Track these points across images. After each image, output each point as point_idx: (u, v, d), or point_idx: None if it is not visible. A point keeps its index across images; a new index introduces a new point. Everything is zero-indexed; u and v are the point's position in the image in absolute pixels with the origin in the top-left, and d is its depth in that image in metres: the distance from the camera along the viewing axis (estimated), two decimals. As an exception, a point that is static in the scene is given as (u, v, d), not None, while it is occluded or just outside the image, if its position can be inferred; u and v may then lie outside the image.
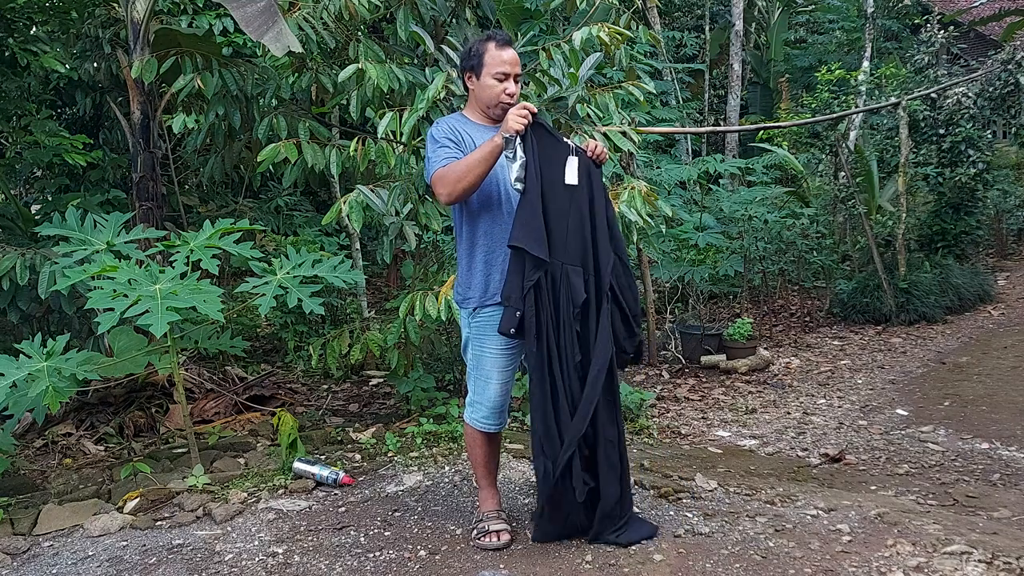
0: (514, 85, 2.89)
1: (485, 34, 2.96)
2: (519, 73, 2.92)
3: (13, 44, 5.31)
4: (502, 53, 2.86)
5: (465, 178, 2.75)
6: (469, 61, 2.93)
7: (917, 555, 2.83)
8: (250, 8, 3.85)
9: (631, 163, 5.96)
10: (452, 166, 2.77)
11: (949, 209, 8.33)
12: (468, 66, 2.94)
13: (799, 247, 7.96)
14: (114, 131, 6.13)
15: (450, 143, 2.85)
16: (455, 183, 2.77)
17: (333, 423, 4.84)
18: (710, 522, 3.15)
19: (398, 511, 3.36)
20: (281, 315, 6.16)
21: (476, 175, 2.75)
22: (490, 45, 2.88)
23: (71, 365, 3.51)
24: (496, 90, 2.88)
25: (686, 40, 12.26)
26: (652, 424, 4.93)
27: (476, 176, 2.76)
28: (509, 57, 2.87)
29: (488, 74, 2.87)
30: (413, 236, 3.87)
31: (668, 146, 11.11)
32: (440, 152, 2.84)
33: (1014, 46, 7.70)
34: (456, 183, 2.76)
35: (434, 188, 2.85)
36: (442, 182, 2.79)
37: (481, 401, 3.00)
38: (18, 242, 4.92)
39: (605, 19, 4.23)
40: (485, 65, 2.87)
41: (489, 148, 2.73)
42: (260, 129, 4.15)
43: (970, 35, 12.81)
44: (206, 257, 3.77)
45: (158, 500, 3.58)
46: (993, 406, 5.05)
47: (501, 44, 2.87)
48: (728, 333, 6.41)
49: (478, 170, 2.75)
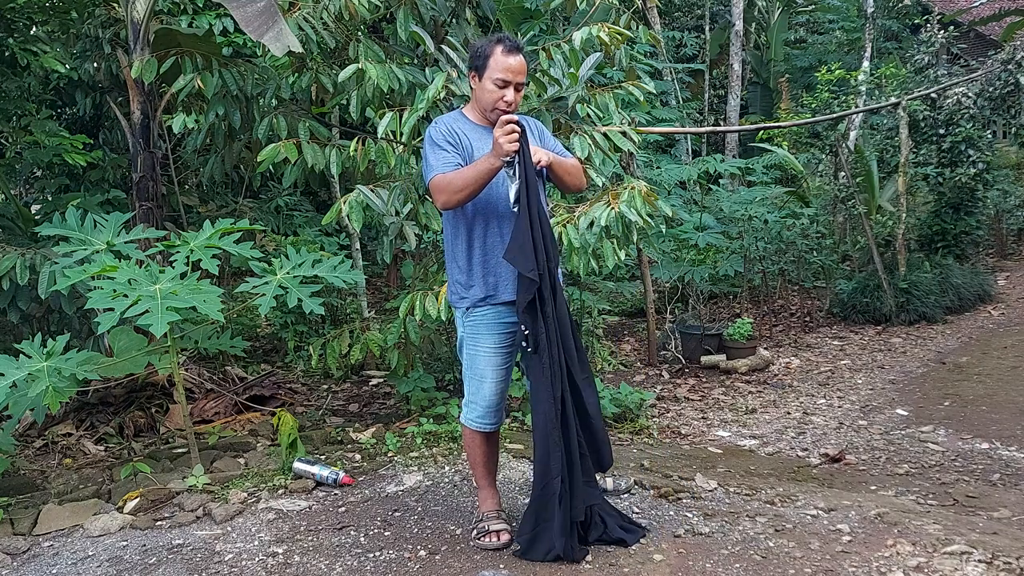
0: (513, 94, 2.84)
1: (496, 36, 2.91)
2: (521, 82, 2.87)
3: (13, 44, 5.31)
4: (507, 59, 2.82)
5: (463, 191, 2.77)
6: (475, 61, 2.90)
7: (917, 555, 2.83)
8: (250, 8, 3.85)
9: (631, 163, 5.95)
10: (452, 176, 2.77)
11: (949, 209, 8.33)
12: (473, 65, 2.91)
13: (799, 247, 7.96)
14: (114, 131, 6.13)
15: (448, 146, 2.85)
16: (453, 194, 2.78)
17: (333, 423, 4.84)
18: (710, 522, 3.15)
19: (398, 511, 3.36)
20: (281, 315, 6.16)
21: (472, 191, 2.78)
22: (498, 49, 2.84)
23: (71, 365, 3.51)
24: (494, 96, 2.85)
25: (686, 40, 12.26)
26: (652, 424, 4.93)
27: (473, 191, 2.78)
28: (513, 64, 2.82)
29: (489, 78, 2.84)
30: (413, 236, 3.87)
31: (668, 146, 11.11)
32: (440, 156, 2.83)
33: (1014, 46, 7.69)
34: (454, 194, 2.78)
35: (432, 193, 2.85)
36: (440, 190, 2.80)
37: (476, 401, 3.01)
38: (18, 242, 4.91)
39: (605, 19, 4.23)
40: (488, 68, 2.84)
41: (487, 168, 2.73)
42: (260, 129, 4.15)
43: (970, 35, 12.81)
44: (206, 257, 3.77)
45: (158, 500, 3.58)
46: (993, 406, 5.06)
47: (508, 50, 2.83)
48: (728, 333, 6.41)
49: (475, 186, 2.76)
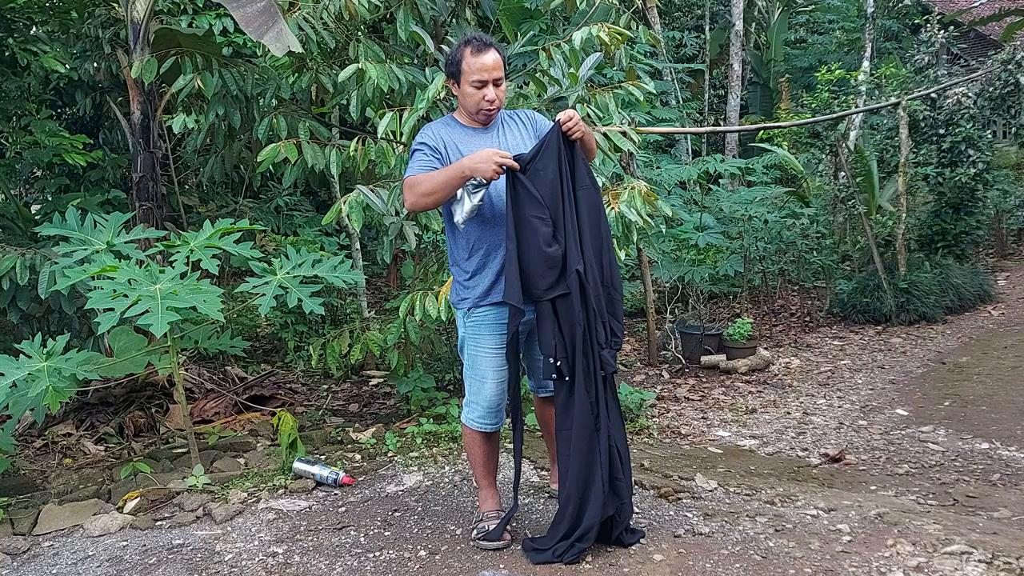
0: (493, 91, 2.84)
1: (464, 39, 2.91)
2: (499, 77, 2.85)
3: (13, 44, 5.31)
4: (479, 59, 2.81)
5: (432, 195, 2.78)
6: (449, 68, 2.91)
7: (917, 555, 2.83)
8: (250, 8, 3.85)
9: (631, 163, 5.95)
10: (423, 178, 2.78)
11: (949, 209, 8.32)
12: (449, 72, 2.93)
13: (799, 247, 7.95)
14: (114, 131, 6.13)
15: (429, 151, 2.85)
16: (421, 196, 2.79)
17: (333, 423, 4.84)
18: (710, 522, 3.15)
19: (398, 511, 3.36)
20: (281, 315, 6.16)
21: (438, 196, 2.78)
22: (467, 51, 2.83)
23: (71, 365, 3.51)
24: (475, 98, 2.85)
25: (686, 40, 12.25)
26: (652, 424, 4.93)
27: (442, 197, 2.78)
28: (487, 63, 2.81)
29: (466, 81, 2.84)
30: (413, 236, 3.87)
31: (668, 146, 11.10)
32: (417, 159, 2.85)
33: (1014, 46, 7.69)
34: (422, 196, 2.79)
35: (403, 191, 2.87)
36: (410, 190, 2.81)
37: (477, 401, 3.01)
38: (18, 242, 4.91)
39: (605, 19, 4.22)
40: (463, 73, 2.84)
41: (458, 174, 2.71)
42: (260, 129, 4.15)
43: (970, 35, 12.81)
44: (206, 257, 3.77)
45: (158, 500, 3.58)
46: (993, 406, 5.05)
47: (477, 50, 2.81)
48: (728, 333, 6.41)
49: (442, 192, 2.76)
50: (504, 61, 2.90)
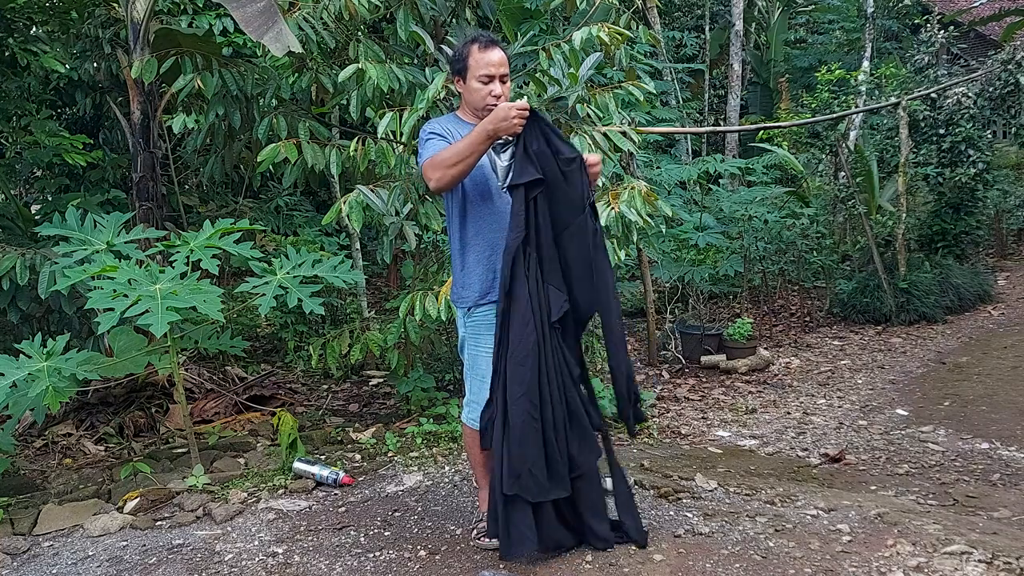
0: (500, 86, 2.87)
1: (470, 36, 2.94)
2: (505, 73, 2.89)
3: (13, 44, 5.31)
4: (485, 55, 2.85)
5: (458, 164, 2.73)
6: (455, 65, 2.93)
7: (917, 555, 2.83)
8: (250, 8, 3.85)
9: (631, 163, 5.95)
10: (444, 153, 2.76)
11: (949, 209, 8.33)
12: (455, 70, 2.95)
13: (799, 247, 7.95)
14: (114, 131, 6.13)
15: (439, 137, 2.86)
16: (447, 168, 2.74)
17: (333, 423, 4.84)
18: (710, 522, 3.15)
19: (398, 511, 3.36)
20: (281, 315, 6.16)
21: (466, 164, 2.73)
22: (474, 48, 2.86)
23: (71, 365, 3.51)
24: (482, 93, 2.87)
25: (686, 40, 12.25)
26: (652, 424, 4.93)
27: (467, 165, 2.74)
28: (493, 59, 2.85)
29: (473, 77, 2.86)
30: (413, 236, 3.87)
31: (668, 146, 11.10)
32: (434, 141, 2.85)
33: (1014, 46, 7.69)
34: (448, 168, 2.74)
35: (425, 175, 2.83)
36: (434, 168, 2.77)
37: (477, 400, 3.01)
38: (18, 242, 4.91)
39: (605, 19, 4.22)
40: (469, 68, 2.87)
41: (482, 137, 2.70)
42: (260, 129, 4.15)
43: (970, 35, 12.80)
44: (206, 257, 3.77)
45: (158, 500, 3.58)
46: (993, 406, 5.05)
47: (484, 46, 2.86)
48: (728, 333, 6.41)
49: (469, 158, 2.72)
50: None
